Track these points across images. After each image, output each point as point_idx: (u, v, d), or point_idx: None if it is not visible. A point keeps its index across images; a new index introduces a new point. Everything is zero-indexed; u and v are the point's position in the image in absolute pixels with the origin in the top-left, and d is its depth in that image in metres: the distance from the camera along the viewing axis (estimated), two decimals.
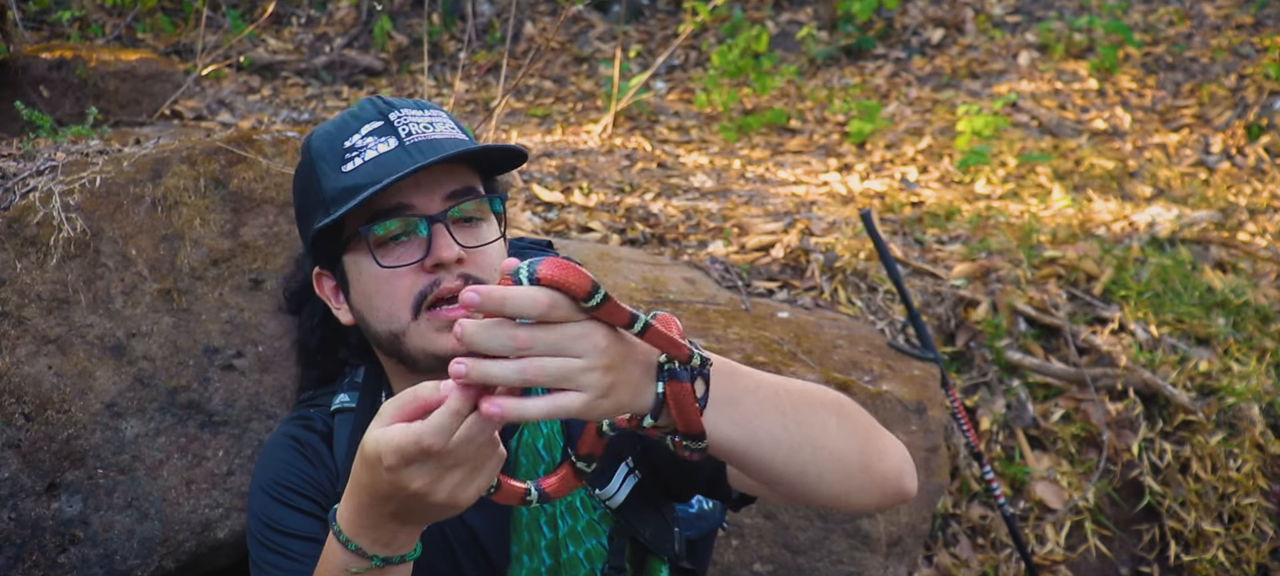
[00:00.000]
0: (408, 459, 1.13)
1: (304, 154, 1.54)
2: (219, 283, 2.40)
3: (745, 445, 1.24)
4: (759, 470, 1.28)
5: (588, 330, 1.10)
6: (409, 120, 1.48)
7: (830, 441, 1.30)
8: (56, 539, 2.26)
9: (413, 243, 1.46)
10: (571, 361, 1.09)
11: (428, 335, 1.46)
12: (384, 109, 1.50)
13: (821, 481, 1.30)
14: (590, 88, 6.44)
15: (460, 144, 1.49)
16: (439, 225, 1.45)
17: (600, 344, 1.10)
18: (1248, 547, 3.47)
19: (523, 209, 3.89)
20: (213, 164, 2.45)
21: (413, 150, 1.45)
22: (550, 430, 1.59)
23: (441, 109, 1.55)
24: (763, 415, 1.25)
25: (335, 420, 1.62)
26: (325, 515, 1.56)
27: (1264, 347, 3.77)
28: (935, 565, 3.29)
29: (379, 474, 1.16)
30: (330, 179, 1.47)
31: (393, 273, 1.46)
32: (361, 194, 1.42)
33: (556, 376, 1.09)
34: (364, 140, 1.47)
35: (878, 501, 1.38)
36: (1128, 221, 4.58)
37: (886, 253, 3.14)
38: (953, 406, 3.11)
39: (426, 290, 1.45)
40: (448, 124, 1.52)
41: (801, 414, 1.28)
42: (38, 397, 2.26)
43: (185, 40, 5.68)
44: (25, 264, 2.30)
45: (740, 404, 1.23)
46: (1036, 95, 6.10)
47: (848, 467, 1.32)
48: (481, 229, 1.51)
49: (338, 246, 1.51)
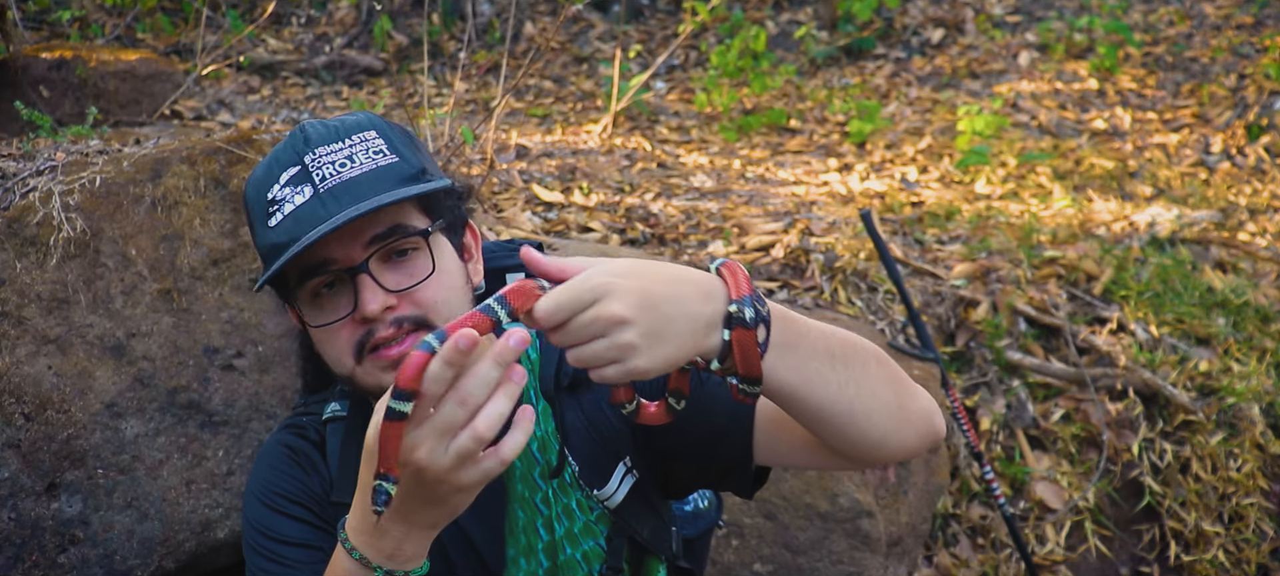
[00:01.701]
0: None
1: (243, 200, 1.54)
2: (219, 283, 2.40)
3: (799, 387, 1.28)
4: (810, 411, 1.32)
5: (599, 309, 1.15)
6: (323, 162, 1.44)
7: (873, 384, 1.34)
8: (56, 539, 2.26)
9: (344, 292, 1.45)
10: (596, 344, 1.16)
11: (374, 374, 1.46)
12: (301, 148, 1.45)
13: (868, 421, 1.34)
14: (590, 88, 6.44)
15: (382, 178, 1.44)
16: (363, 276, 1.43)
17: (617, 314, 1.15)
18: (1248, 547, 3.47)
19: (523, 209, 3.89)
20: (213, 164, 2.45)
21: (328, 199, 1.41)
22: (545, 431, 1.59)
23: (371, 123, 1.49)
24: (815, 359, 1.29)
25: (327, 428, 1.62)
26: (319, 522, 1.56)
27: (1264, 347, 3.77)
28: (935, 565, 3.29)
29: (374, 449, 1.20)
30: (260, 233, 1.47)
31: (328, 327, 1.46)
32: (282, 257, 1.41)
33: (591, 361, 1.17)
34: (282, 191, 1.44)
35: (915, 442, 1.42)
36: (1128, 221, 4.58)
37: (886, 253, 3.14)
38: (953, 406, 3.11)
39: (363, 339, 1.45)
40: (372, 149, 1.46)
41: (848, 357, 1.32)
42: (38, 397, 2.26)
43: (185, 40, 5.68)
44: (25, 264, 2.30)
45: (796, 348, 1.27)
46: (1036, 95, 6.10)
47: (888, 408, 1.36)
48: (415, 263, 1.47)
49: (287, 294, 1.51)
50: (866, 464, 1.49)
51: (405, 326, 1.45)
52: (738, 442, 1.52)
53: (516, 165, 4.51)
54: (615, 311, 1.15)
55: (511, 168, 4.42)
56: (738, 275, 1.22)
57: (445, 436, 1.16)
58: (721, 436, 1.53)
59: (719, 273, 1.22)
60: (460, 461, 1.17)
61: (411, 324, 1.45)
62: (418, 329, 1.45)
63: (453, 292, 1.49)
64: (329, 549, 1.55)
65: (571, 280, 1.17)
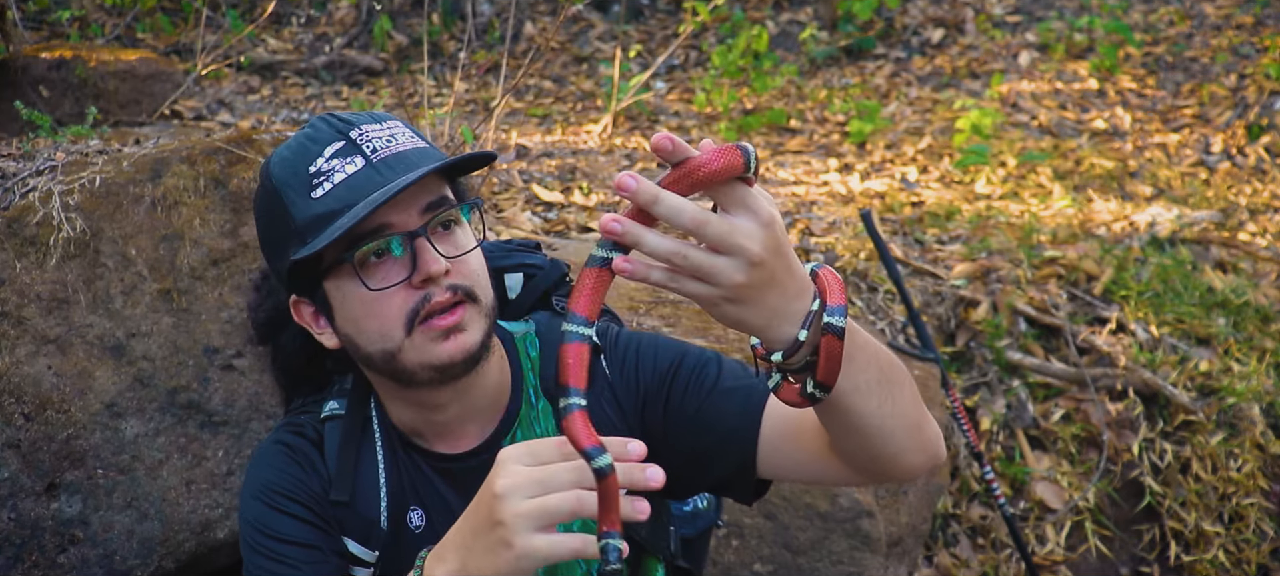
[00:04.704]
0: (512, 455, 1.25)
1: (264, 182, 1.49)
2: (219, 283, 2.40)
3: (848, 396, 1.30)
4: (849, 421, 1.33)
5: (745, 237, 1.11)
6: (371, 136, 1.44)
7: (903, 403, 1.36)
8: (56, 539, 2.26)
9: (395, 261, 1.43)
10: (710, 256, 1.11)
11: (424, 348, 1.45)
12: (342, 127, 1.45)
13: (893, 438, 1.37)
14: (590, 88, 6.44)
15: (426, 155, 1.46)
16: (422, 240, 1.43)
17: (753, 253, 1.11)
18: (1248, 548, 3.46)
19: (523, 209, 3.89)
20: (212, 164, 2.45)
21: (382, 168, 1.42)
22: (544, 431, 1.59)
23: (394, 117, 1.52)
24: (867, 371, 1.30)
25: (325, 427, 1.61)
26: (318, 521, 1.55)
27: (1264, 347, 3.77)
28: (935, 565, 3.29)
29: (489, 475, 1.27)
30: (300, 207, 1.43)
31: (382, 294, 1.43)
32: (342, 219, 1.39)
33: (698, 267, 1.11)
34: (329, 163, 1.43)
35: (922, 464, 1.44)
36: (1128, 221, 4.58)
37: (886, 252, 3.14)
38: (953, 406, 3.11)
39: (418, 306, 1.43)
40: (407, 133, 1.49)
41: (891, 375, 1.34)
42: (37, 397, 2.26)
43: (185, 40, 5.68)
44: (25, 264, 2.30)
45: (853, 359, 1.27)
46: (1036, 95, 6.10)
47: (910, 428, 1.38)
48: (459, 236, 1.49)
49: (317, 273, 1.47)
50: (874, 479, 1.49)
51: (458, 293, 1.44)
52: (741, 454, 1.52)
53: (516, 165, 4.51)
54: (754, 250, 1.11)
55: (511, 168, 4.42)
56: (835, 283, 1.21)
57: (541, 486, 1.22)
58: (726, 448, 1.53)
59: (815, 276, 1.20)
60: (535, 516, 1.22)
61: (463, 293, 1.45)
62: (469, 299, 1.45)
63: (484, 270, 1.51)
64: (328, 548, 1.55)
65: (759, 191, 1.13)
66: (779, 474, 1.54)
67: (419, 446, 1.59)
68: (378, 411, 1.61)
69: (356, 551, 1.56)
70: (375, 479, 1.58)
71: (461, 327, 1.45)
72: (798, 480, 1.73)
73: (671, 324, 2.86)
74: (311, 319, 1.53)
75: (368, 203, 1.38)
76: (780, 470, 1.53)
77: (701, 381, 1.56)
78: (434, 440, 1.58)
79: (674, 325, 2.85)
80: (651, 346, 1.62)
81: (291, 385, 1.70)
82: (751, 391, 1.53)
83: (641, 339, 1.64)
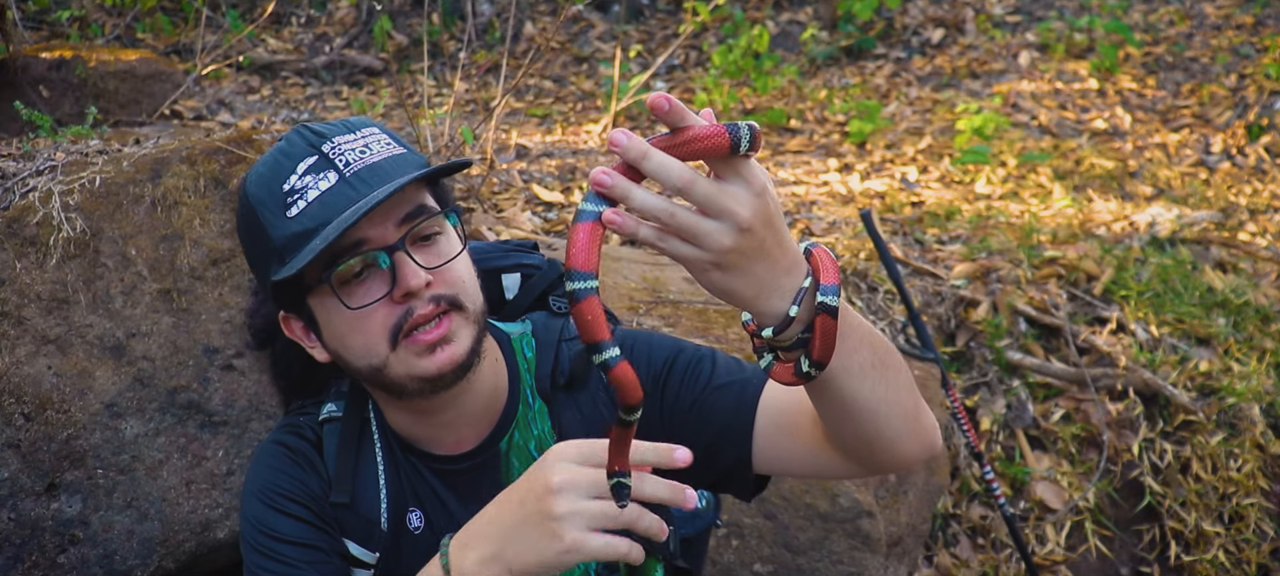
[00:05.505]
0: (565, 454, 1.31)
1: (242, 200, 1.47)
2: (219, 283, 2.40)
3: (842, 376, 1.29)
4: (843, 402, 1.33)
5: (735, 202, 1.10)
6: (343, 149, 1.43)
7: (898, 388, 1.36)
8: (56, 539, 2.26)
9: (377, 276, 1.42)
10: (698, 219, 1.10)
11: (410, 362, 1.44)
12: (315, 140, 1.44)
13: (888, 423, 1.36)
14: (590, 88, 6.44)
15: (401, 163, 1.44)
16: (401, 254, 1.41)
17: (741, 217, 1.10)
18: (1248, 548, 3.46)
19: (523, 209, 3.89)
20: (212, 164, 2.45)
21: (355, 182, 1.40)
22: (541, 431, 1.59)
23: (371, 122, 1.50)
24: (860, 352, 1.30)
25: (324, 429, 1.61)
26: (318, 521, 1.55)
27: (1264, 347, 3.77)
28: (935, 565, 3.29)
29: (534, 469, 1.32)
30: (277, 226, 1.41)
31: (363, 311, 1.42)
32: (315, 240, 1.37)
33: (685, 227, 1.10)
34: (302, 180, 1.41)
35: (918, 453, 1.44)
36: (1128, 221, 4.58)
37: (886, 252, 3.14)
38: (953, 406, 3.11)
39: (400, 321, 1.42)
40: (383, 140, 1.46)
41: (884, 357, 1.34)
42: (37, 397, 2.26)
43: (185, 40, 5.68)
44: (25, 264, 2.30)
45: (846, 338, 1.27)
46: (1036, 95, 6.10)
47: (906, 414, 1.38)
48: (441, 244, 1.47)
49: (300, 291, 1.46)
50: (871, 469, 1.48)
51: (442, 304, 1.43)
52: (737, 449, 1.52)
53: (516, 165, 4.51)
54: (742, 215, 1.10)
55: (511, 168, 4.42)
56: (829, 262, 1.20)
57: (594, 490, 1.29)
58: (721, 443, 1.53)
59: (809, 254, 1.19)
60: (594, 517, 1.28)
61: (447, 303, 1.44)
62: (454, 309, 1.44)
63: (471, 276, 1.50)
64: (328, 548, 1.55)
65: (754, 163, 1.12)
66: (775, 468, 1.54)
67: (417, 449, 1.59)
68: (375, 415, 1.61)
69: (357, 552, 1.56)
70: (375, 480, 1.58)
71: (448, 339, 1.44)
72: (794, 474, 1.73)
73: (671, 323, 2.86)
74: (302, 334, 1.53)
75: (339, 222, 1.36)
76: (776, 464, 1.53)
77: (696, 377, 1.56)
78: (431, 443, 1.58)
79: (674, 325, 2.85)
80: (646, 344, 1.62)
81: (289, 390, 1.70)
82: (746, 386, 1.53)
83: (637, 337, 1.64)
